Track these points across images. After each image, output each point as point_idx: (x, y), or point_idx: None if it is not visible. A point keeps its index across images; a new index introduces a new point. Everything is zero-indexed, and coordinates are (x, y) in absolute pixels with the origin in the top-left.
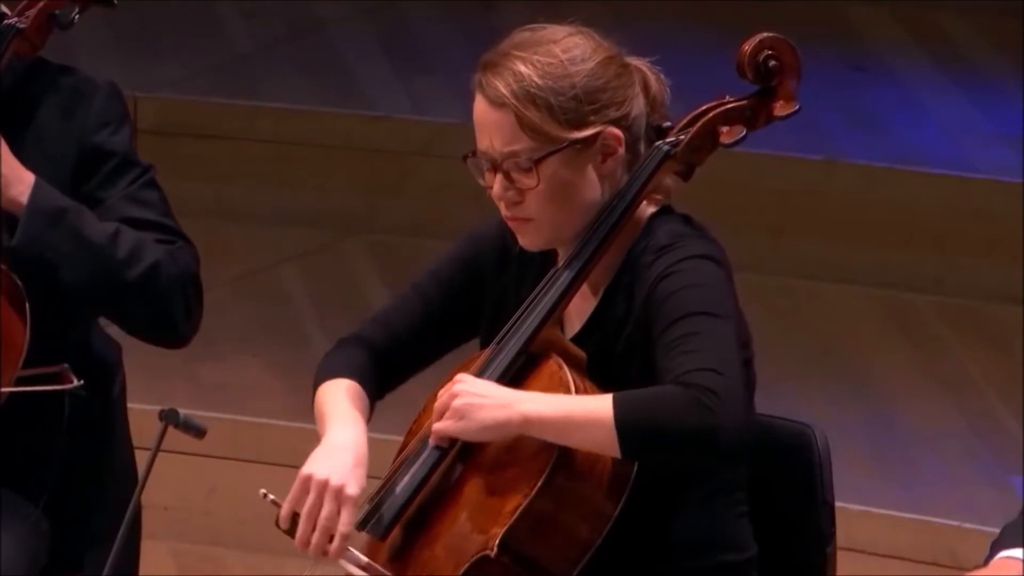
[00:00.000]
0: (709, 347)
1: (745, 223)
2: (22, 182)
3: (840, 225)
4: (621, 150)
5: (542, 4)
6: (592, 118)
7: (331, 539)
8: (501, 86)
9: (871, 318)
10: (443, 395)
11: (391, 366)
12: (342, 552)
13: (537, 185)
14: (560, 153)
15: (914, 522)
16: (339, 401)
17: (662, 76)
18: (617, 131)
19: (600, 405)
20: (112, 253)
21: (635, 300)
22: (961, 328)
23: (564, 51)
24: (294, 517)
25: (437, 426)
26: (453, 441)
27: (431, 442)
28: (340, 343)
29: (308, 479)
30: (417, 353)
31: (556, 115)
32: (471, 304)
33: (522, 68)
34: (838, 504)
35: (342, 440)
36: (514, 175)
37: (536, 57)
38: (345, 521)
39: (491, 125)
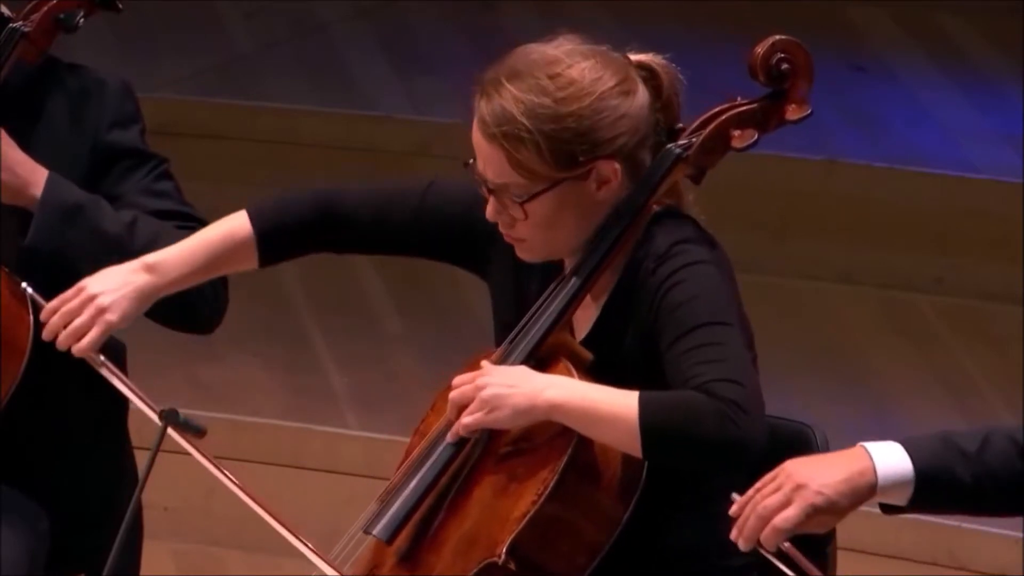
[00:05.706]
0: (726, 357)
1: (746, 223)
2: (35, 176)
3: (841, 225)
4: (616, 180)
5: (542, 4)
6: (582, 158)
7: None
8: (491, 123)
9: (871, 318)
10: (464, 388)
11: (338, 234)
12: (89, 358)
13: (526, 219)
14: (551, 191)
15: (914, 522)
16: (205, 232)
17: (679, 75)
18: (612, 163)
19: (625, 403)
20: (129, 244)
21: (637, 308)
22: (961, 328)
23: (559, 88)
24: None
25: (465, 420)
26: (465, 440)
27: (450, 437)
28: (314, 191)
29: (82, 288)
30: (373, 240)
31: (545, 157)
32: (454, 234)
33: (512, 109)
34: None
35: (151, 263)
36: (506, 202)
37: (529, 96)
38: (91, 337)
39: (484, 153)
